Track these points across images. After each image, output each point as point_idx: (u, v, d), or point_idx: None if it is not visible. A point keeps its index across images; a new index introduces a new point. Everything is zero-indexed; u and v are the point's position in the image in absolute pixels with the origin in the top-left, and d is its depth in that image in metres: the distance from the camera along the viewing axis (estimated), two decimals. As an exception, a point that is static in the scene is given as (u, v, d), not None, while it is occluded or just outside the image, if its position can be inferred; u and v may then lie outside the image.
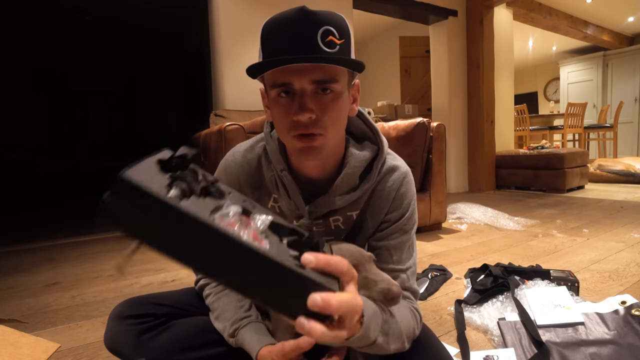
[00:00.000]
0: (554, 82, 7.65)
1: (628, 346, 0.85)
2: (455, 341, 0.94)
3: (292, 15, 0.53)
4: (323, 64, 0.53)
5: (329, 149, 0.58)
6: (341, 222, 0.68)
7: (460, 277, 1.42)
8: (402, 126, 2.12)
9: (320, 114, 0.54)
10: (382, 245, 0.67)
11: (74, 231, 2.64)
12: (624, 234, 1.97)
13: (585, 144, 5.29)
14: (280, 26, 0.53)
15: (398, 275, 0.66)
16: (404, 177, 0.68)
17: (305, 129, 0.54)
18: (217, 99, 2.66)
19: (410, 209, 0.69)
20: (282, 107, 0.55)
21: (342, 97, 0.57)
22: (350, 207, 0.67)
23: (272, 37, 0.54)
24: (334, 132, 0.57)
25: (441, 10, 3.82)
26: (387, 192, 0.67)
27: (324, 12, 0.54)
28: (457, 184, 4.07)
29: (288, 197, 0.66)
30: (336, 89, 0.55)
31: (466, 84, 4.09)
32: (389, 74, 5.95)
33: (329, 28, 0.53)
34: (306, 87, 0.54)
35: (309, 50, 0.52)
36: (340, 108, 0.57)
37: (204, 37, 2.87)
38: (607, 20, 5.45)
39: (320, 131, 0.55)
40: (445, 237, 2.08)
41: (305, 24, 0.52)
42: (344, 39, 0.55)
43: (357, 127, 0.68)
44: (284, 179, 0.65)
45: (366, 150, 0.65)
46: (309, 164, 0.63)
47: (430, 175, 2.14)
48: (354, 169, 0.63)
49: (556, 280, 1.19)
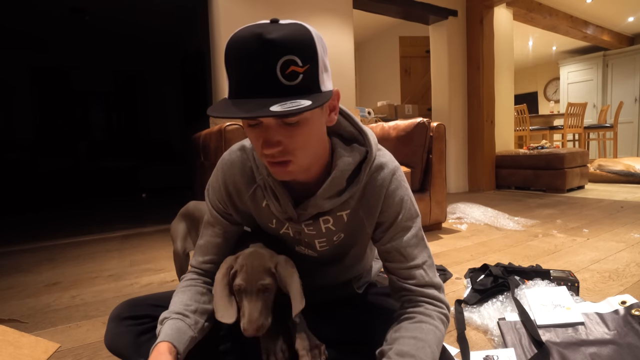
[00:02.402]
0: (554, 82, 7.65)
1: (628, 346, 0.85)
2: (455, 341, 0.94)
3: (251, 44, 0.50)
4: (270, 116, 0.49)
5: (302, 167, 0.59)
6: (331, 223, 0.68)
7: (460, 277, 1.42)
8: (402, 126, 2.12)
9: (288, 144, 0.54)
10: (390, 247, 0.67)
11: (74, 231, 2.65)
12: (624, 234, 1.97)
13: (585, 144, 5.29)
14: (238, 57, 0.51)
15: (414, 273, 0.66)
16: (393, 174, 0.67)
17: (274, 158, 0.55)
18: (217, 99, 2.66)
19: (405, 205, 0.68)
20: (252, 136, 0.56)
21: (310, 122, 0.55)
22: (339, 207, 0.67)
23: (232, 66, 0.52)
24: (305, 156, 0.57)
25: (441, 10, 3.82)
26: (378, 191, 0.67)
27: (285, 36, 0.50)
28: (457, 184, 4.07)
29: (276, 200, 0.67)
30: (302, 118, 0.54)
31: (466, 84, 4.08)
32: (389, 74, 5.95)
33: (290, 58, 0.50)
34: (270, 122, 0.53)
35: (268, 87, 0.50)
36: (310, 133, 0.56)
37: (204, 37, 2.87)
38: (607, 20, 5.45)
39: (289, 158, 0.55)
40: (445, 237, 2.08)
41: (263, 56, 0.49)
42: (309, 63, 0.51)
43: (345, 129, 0.68)
44: (272, 183, 0.66)
45: (355, 153, 0.65)
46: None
47: (430, 175, 2.14)
48: (341, 172, 0.63)
49: (556, 280, 1.19)
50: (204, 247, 0.75)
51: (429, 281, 0.66)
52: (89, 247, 2.18)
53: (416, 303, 0.65)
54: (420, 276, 0.66)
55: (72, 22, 4.60)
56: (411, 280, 0.66)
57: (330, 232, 0.70)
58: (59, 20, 4.55)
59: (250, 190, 0.70)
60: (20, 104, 5.40)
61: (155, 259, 1.87)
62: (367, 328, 0.74)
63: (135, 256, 1.94)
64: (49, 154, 5.48)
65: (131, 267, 1.74)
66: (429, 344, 0.59)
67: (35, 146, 5.40)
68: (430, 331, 0.61)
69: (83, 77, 5.88)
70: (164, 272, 1.66)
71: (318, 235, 0.70)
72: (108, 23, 4.77)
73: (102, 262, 1.85)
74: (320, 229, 0.69)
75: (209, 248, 0.75)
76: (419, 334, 0.60)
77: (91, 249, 2.13)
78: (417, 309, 0.64)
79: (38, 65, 5.51)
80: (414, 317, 0.63)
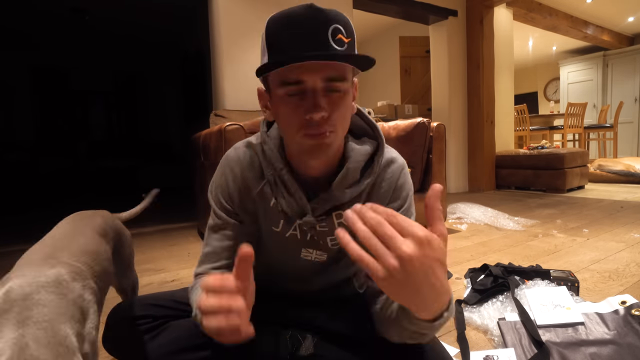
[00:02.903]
0: (554, 82, 7.65)
1: (628, 346, 0.85)
2: (455, 341, 0.94)
3: (301, 12, 0.52)
4: (335, 62, 0.52)
5: (336, 144, 0.59)
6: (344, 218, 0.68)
7: (460, 277, 1.42)
8: (402, 126, 2.12)
9: (331, 112, 0.54)
10: None
11: (74, 231, 2.64)
12: (624, 234, 1.97)
13: (585, 144, 5.29)
14: (289, 23, 0.52)
15: None
16: (402, 169, 0.69)
17: (317, 128, 0.54)
18: (217, 99, 2.66)
19: (409, 200, 0.69)
20: (291, 106, 0.55)
21: (348, 95, 0.57)
22: (353, 202, 0.66)
23: (280, 34, 0.53)
24: (342, 129, 0.58)
25: (441, 10, 3.82)
26: (388, 184, 0.67)
27: (331, 10, 0.53)
28: (457, 184, 4.07)
29: (289, 195, 0.65)
30: (344, 87, 0.55)
31: (466, 84, 4.08)
32: (389, 74, 5.95)
33: (337, 26, 0.52)
34: (318, 84, 0.53)
35: (321, 48, 0.51)
36: (347, 106, 0.58)
37: (204, 37, 2.87)
38: (607, 20, 5.45)
39: (331, 129, 0.55)
40: (445, 237, 2.08)
41: (315, 21, 0.52)
42: (351, 37, 0.55)
43: (355, 124, 0.68)
44: (284, 177, 0.64)
45: (367, 145, 0.66)
46: (313, 163, 0.62)
47: (430, 175, 2.14)
48: (356, 163, 0.63)
49: (556, 280, 1.19)
50: (213, 253, 0.67)
51: None
52: (89, 247, 2.18)
53: None
54: None
55: (72, 22, 4.61)
56: None
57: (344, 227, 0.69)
58: (59, 20, 4.55)
59: (259, 187, 0.67)
60: (20, 104, 5.40)
61: (155, 259, 1.87)
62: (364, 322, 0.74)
63: (136, 256, 1.93)
64: (49, 154, 5.48)
65: (131, 267, 1.74)
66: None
67: (36, 146, 5.40)
68: None
69: (83, 77, 5.88)
70: (164, 272, 1.66)
71: (330, 232, 0.68)
72: (108, 23, 4.77)
73: (102, 262, 1.85)
74: (334, 224, 0.67)
75: (220, 253, 0.67)
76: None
77: (91, 249, 2.13)
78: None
79: (38, 65, 5.51)
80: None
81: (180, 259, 1.85)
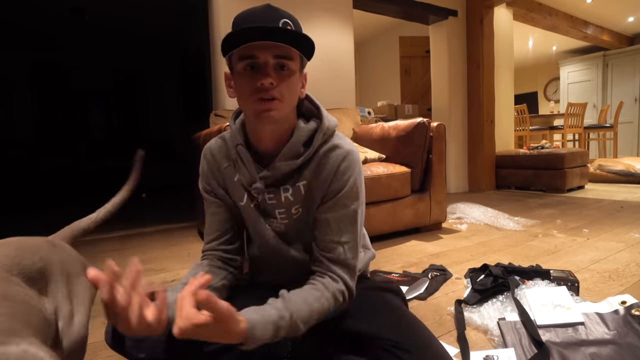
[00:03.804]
0: (554, 82, 7.65)
1: (628, 346, 0.85)
2: (455, 341, 0.94)
3: (258, 8, 0.67)
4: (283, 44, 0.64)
5: (282, 115, 0.69)
6: (290, 193, 0.75)
7: (460, 277, 1.42)
8: (402, 126, 2.11)
9: (278, 83, 0.66)
10: (322, 217, 0.74)
11: (74, 231, 2.64)
12: (624, 234, 1.97)
13: (585, 144, 5.29)
14: (248, 16, 0.67)
15: (335, 247, 0.72)
16: (346, 155, 0.74)
17: (266, 93, 0.65)
18: (217, 98, 2.66)
19: (350, 184, 0.74)
20: (247, 77, 0.67)
21: (295, 75, 0.69)
22: (297, 177, 0.75)
23: (240, 24, 0.67)
24: (287, 101, 0.69)
25: (441, 10, 3.82)
26: (330, 167, 0.74)
27: (285, 11, 0.68)
28: (457, 184, 4.07)
29: (244, 166, 0.75)
30: (291, 66, 0.68)
31: (466, 84, 4.08)
32: (389, 74, 5.95)
33: (287, 20, 0.67)
34: (269, 60, 0.65)
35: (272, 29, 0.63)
36: (293, 83, 0.69)
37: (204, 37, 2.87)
38: (607, 20, 5.44)
39: (278, 96, 0.66)
40: (445, 237, 2.08)
41: (268, 15, 0.66)
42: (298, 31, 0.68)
43: (306, 108, 0.79)
44: (240, 150, 0.75)
45: (311, 123, 0.76)
46: (265, 131, 0.73)
47: (430, 175, 2.14)
48: (298, 137, 0.73)
49: (556, 280, 1.19)
50: (207, 229, 0.83)
51: (344, 259, 0.72)
52: (89, 247, 2.18)
53: (323, 274, 0.72)
54: (339, 253, 0.72)
55: (72, 21, 4.61)
56: (329, 254, 0.72)
57: (288, 202, 0.76)
58: (59, 19, 4.55)
59: (226, 165, 0.80)
60: (21, 102, 5.40)
61: (155, 259, 1.87)
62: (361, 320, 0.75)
63: (135, 256, 1.94)
64: (49, 153, 5.48)
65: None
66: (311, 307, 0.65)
67: (35, 144, 5.40)
68: (318, 299, 0.67)
69: (83, 76, 5.88)
70: (164, 272, 1.66)
71: (278, 205, 0.77)
72: (108, 22, 4.77)
73: (102, 262, 1.85)
74: (280, 197, 0.76)
75: (210, 227, 0.83)
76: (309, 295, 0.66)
77: (91, 249, 2.13)
78: (321, 279, 0.71)
79: (38, 64, 5.51)
80: (314, 285, 0.69)
81: (180, 259, 1.85)
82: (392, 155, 2.17)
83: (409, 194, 2.09)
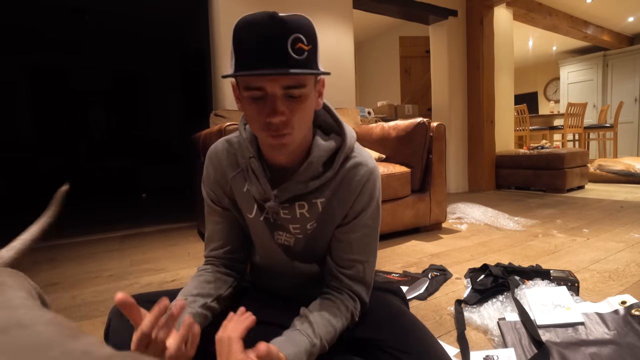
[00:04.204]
0: (554, 82, 7.65)
1: (628, 346, 0.85)
2: (455, 341, 0.94)
3: (263, 20, 0.55)
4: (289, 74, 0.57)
5: (296, 144, 0.64)
6: (306, 209, 0.71)
7: (460, 277, 1.42)
8: (402, 126, 2.11)
9: (290, 116, 0.59)
10: (345, 237, 0.72)
11: (74, 231, 2.65)
12: (624, 234, 1.97)
13: (585, 144, 5.29)
14: (252, 31, 0.56)
15: (354, 265, 0.71)
16: (371, 174, 0.72)
17: (277, 130, 0.59)
18: (217, 99, 2.66)
19: (374, 204, 0.72)
20: (254, 109, 0.60)
21: (309, 99, 0.62)
22: (315, 194, 0.70)
23: (243, 41, 0.57)
24: (300, 130, 0.63)
25: (441, 10, 3.82)
26: (355, 185, 0.70)
27: (293, 19, 0.57)
28: (457, 184, 4.07)
29: (257, 181, 0.70)
30: (303, 93, 0.60)
31: (466, 84, 4.08)
32: (389, 74, 5.95)
33: (298, 36, 0.56)
34: (277, 92, 0.58)
35: (280, 58, 0.55)
36: (307, 108, 0.62)
37: (204, 37, 2.87)
38: (607, 20, 5.45)
39: (289, 131, 0.60)
40: (445, 237, 2.08)
41: (275, 31, 0.55)
42: (311, 44, 0.58)
43: (325, 120, 0.73)
44: (252, 164, 0.70)
45: (331, 141, 0.70)
46: (277, 158, 0.69)
47: (430, 175, 2.14)
48: (317, 158, 0.68)
49: (556, 280, 1.19)
50: (210, 236, 0.79)
51: (362, 277, 0.72)
52: (89, 247, 2.18)
53: (341, 290, 0.71)
54: (358, 270, 0.71)
55: (72, 21, 4.61)
56: (347, 271, 0.71)
57: (304, 218, 0.72)
58: (59, 19, 4.55)
59: (234, 173, 0.74)
60: (20, 103, 5.40)
61: (155, 259, 1.87)
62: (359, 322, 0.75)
63: (135, 256, 1.94)
64: (48, 154, 5.48)
65: (131, 267, 1.74)
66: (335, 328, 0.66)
67: (35, 146, 5.40)
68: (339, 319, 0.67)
69: (83, 76, 5.88)
70: (164, 272, 1.66)
71: (292, 220, 0.73)
72: (108, 23, 4.77)
73: (102, 262, 1.85)
74: (295, 213, 0.72)
75: (214, 235, 0.79)
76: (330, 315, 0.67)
77: (91, 249, 2.13)
78: (340, 295, 0.70)
79: (38, 64, 5.51)
80: (334, 302, 0.69)
81: (180, 259, 1.85)
82: (392, 155, 2.17)
83: (409, 194, 2.09)
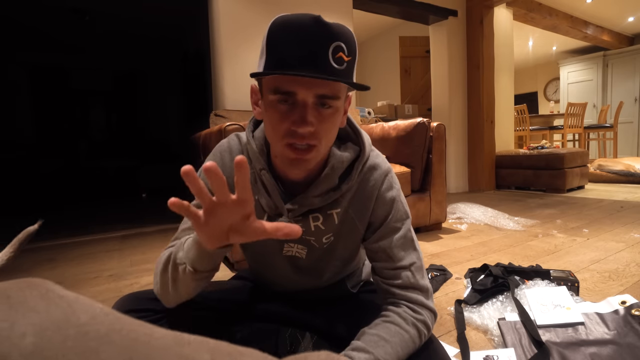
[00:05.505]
0: (554, 82, 7.65)
1: (628, 346, 0.85)
2: (455, 341, 0.94)
3: (306, 23, 0.52)
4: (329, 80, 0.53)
5: (319, 157, 0.59)
6: (321, 221, 0.67)
7: (460, 277, 1.42)
8: (402, 126, 2.11)
9: (318, 127, 0.55)
10: (377, 247, 0.67)
11: (74, 231, 2.64)
12: (624, 234, 1.97)
13: (585, 144, 5.29)
14: (292, 32, 0.52)
15: (400, 274, 0.65)
16: (386, 175, 0.68)
17: (302, 140, 0.55)
18: (217, 99, 2.66)
19: (396, 206, 0.68)
20: (280, 114, 0.55)
21: (338, 113, 0.58)
22: (330, 205, 0.67)
23: (282, 41, 0.53)
24: (325, 144, 0.58)
25: (441, 10, 3.82)
26: (370, 191, 0.67)
27: (336, 26, 0.53)
28: (457, 184, 4.07)
29: (267, 195, 0.66)
30: (336, 104, 0.56)
31: (466, 84, 4.08)
32: (389, 74, 5.95)
33: (340, 44, 0.53)
34: (309, 99, 0.54)
35: (319, 64, 0.52)
36: (336, 122, 0.58)
37: (204, 37, 2.87)
38: (607, 20, 5.45)
39: (315, 142, 0.56)
40: (445, 237, 2.08)
41: (318, 36, 0.52)
42: (351, 56, 0.55)
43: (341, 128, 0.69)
44: (264, 177, 0.65)
45: (348, 152, 0.65)
46: (292, 173, 0.62)
47: (430, 175, 2.14)
48: (334, 170, 0.63)
49: (556, 280, 1.19)
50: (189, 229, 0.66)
51: (414, 283, 0.65)
52: (89, 247, 2.18)
53: (397, 303, 0.64)
54: (406, 277, 0.65)
55: (72, 21, 4.61)
56: (396, 281, 0.65)
57: (319, 231, 0.68)
58: (59, 19, 4.55)
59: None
60: (20, 102, 5.40)
61: (155, 259, 1.87)
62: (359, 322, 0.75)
63: (135, 256, 1.94)
64: (48, 154, 5.48)
65: (131, 267, 1.74)
66: (392, 345, 0.58)
67: (35, 146, 5.40)
68: (397, 333, 0.59)
69: (83, 76, 5.88)
70: (164, 272, 1.66)
71: (306, 233, 0.68)
72: (108, 23, 4.77)
73: (102, 262, 1.85)
74: (310, 226, 0.67)
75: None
76: (384, 332, 0.59)
77: (91, 249, 2.13)
78: (396, 309, 0.63)
79: (38, 64, 5.51)
80: (388, 316, 0.62)
81: (180, 259, 1.85)
82: (392, 155, 2.17)
83: (409, 194, 2.09)
